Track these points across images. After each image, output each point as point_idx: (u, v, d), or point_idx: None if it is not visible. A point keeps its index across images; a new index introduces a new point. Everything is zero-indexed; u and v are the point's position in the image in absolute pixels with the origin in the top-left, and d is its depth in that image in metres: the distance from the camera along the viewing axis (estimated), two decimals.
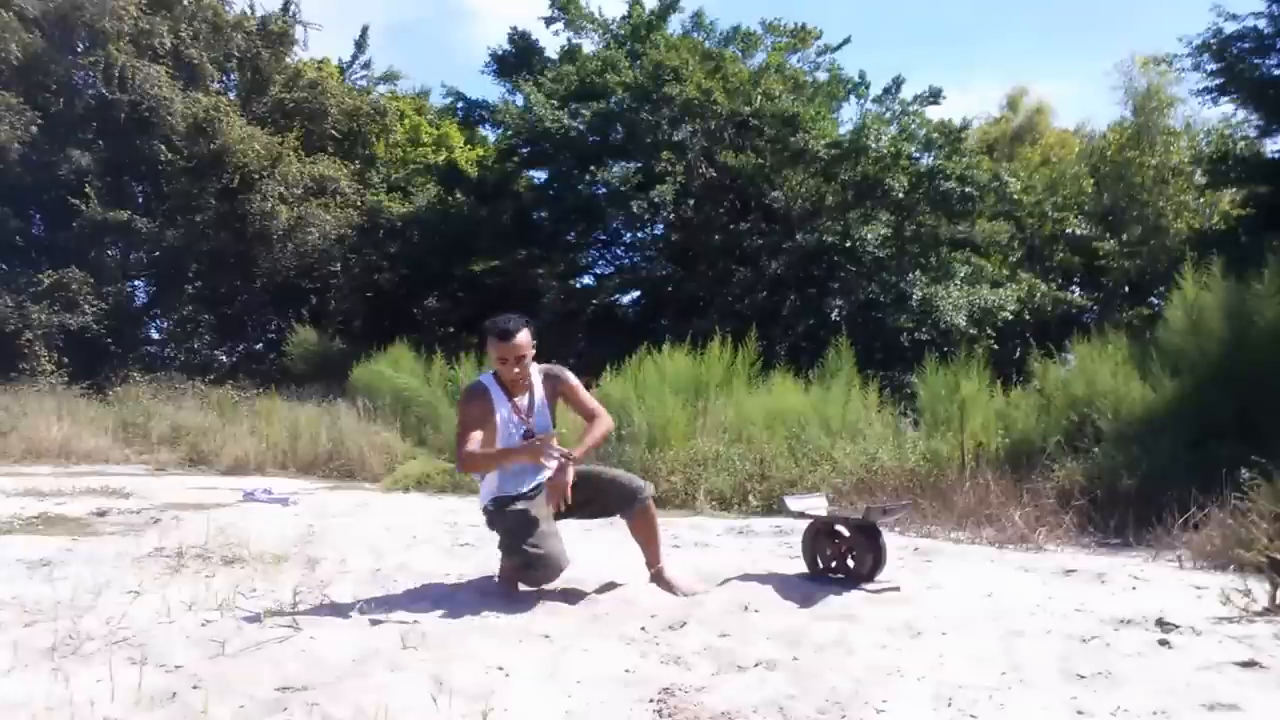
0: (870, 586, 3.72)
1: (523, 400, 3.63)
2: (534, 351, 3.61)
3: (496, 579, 3.76)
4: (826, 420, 7.85)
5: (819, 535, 3.98)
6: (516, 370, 3.54)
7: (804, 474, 6.92)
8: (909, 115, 16.55)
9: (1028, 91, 26.58)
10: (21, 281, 16.35)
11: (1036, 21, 56.15)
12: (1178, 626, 3.18)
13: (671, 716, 2.36)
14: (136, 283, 19.66)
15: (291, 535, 5.07)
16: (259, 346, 20.57)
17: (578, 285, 17.74)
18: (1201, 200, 19.30)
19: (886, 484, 6.47)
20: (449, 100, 20.76)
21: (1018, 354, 14.42)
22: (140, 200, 18.89)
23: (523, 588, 3.58)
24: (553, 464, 3.49)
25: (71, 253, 17.29)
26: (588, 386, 3.74)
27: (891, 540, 4.46)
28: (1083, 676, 2.70)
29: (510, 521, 3.52)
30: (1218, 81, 14.01)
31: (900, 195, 15.09)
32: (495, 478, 3.62)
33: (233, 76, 20.54)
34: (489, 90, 52.18)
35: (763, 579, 3.86)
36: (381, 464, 9.40)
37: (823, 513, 4.04)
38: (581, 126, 16.08)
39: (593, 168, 15.99)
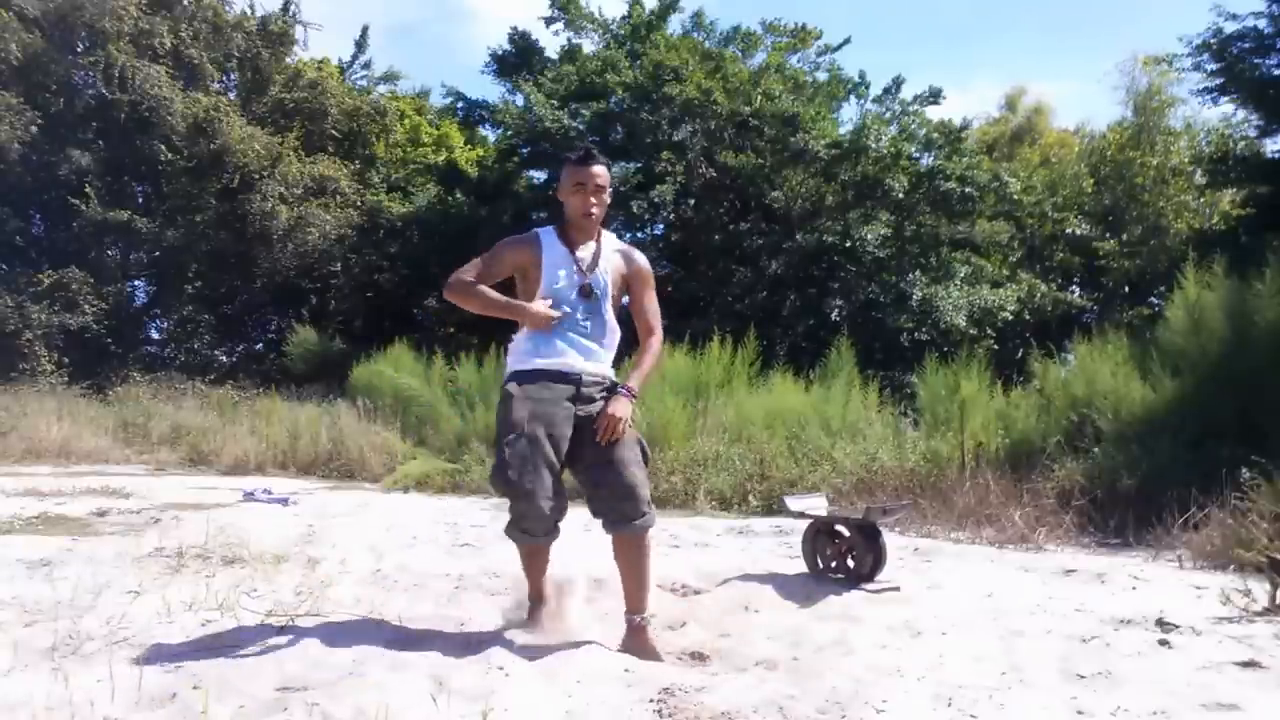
0: (870, 586, 3.72)
1: (585, 253, 3.03)
2: (610, 199, 3.07)
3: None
4: (826, 420, 7.85)
5: (819, 535, 3.98)
6: (594, 201, 2.98)
7: (804, 474, 6.92)
8: (909, 115, 16.55)
9: (1026, 91, 26.63)
10: (21, 281, 16.35)
11: (1036, 21, 56.18)
12: (1178, 626, 3.18)
13: (671, 716, 2.36)
14: (136, 283, 19.69)
15: (291, 535, 5.07)
16: (259, 346, 20.59)
17: None
18: (1201, 200, 19.28)
19: (886, 484, 6.47)
20: (449, 100, 20.77)
21: (1018, 354, 14.44)
22: (140, 200, 18.90)
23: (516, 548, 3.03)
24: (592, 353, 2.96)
25: (71, 253, 17.30)
26: None
27: (891, 540, 4.46)
28: (1083, 676, 2.70)
29: (503, 418, 2.88)
30: (1218, 81, 14.00)
31: (900, 195, 15.09)
32: (522, 340, 2.99)
33: (233, 76, 20.54)
34: (489, 90, 52.28)
35: (763, 579, 3.86)
36: (381, 464, 9.40)
37: (823, 513, 4.04)
38: (581, 126, 16.08)
39: None
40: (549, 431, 2.82)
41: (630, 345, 3.13)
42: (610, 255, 3.09)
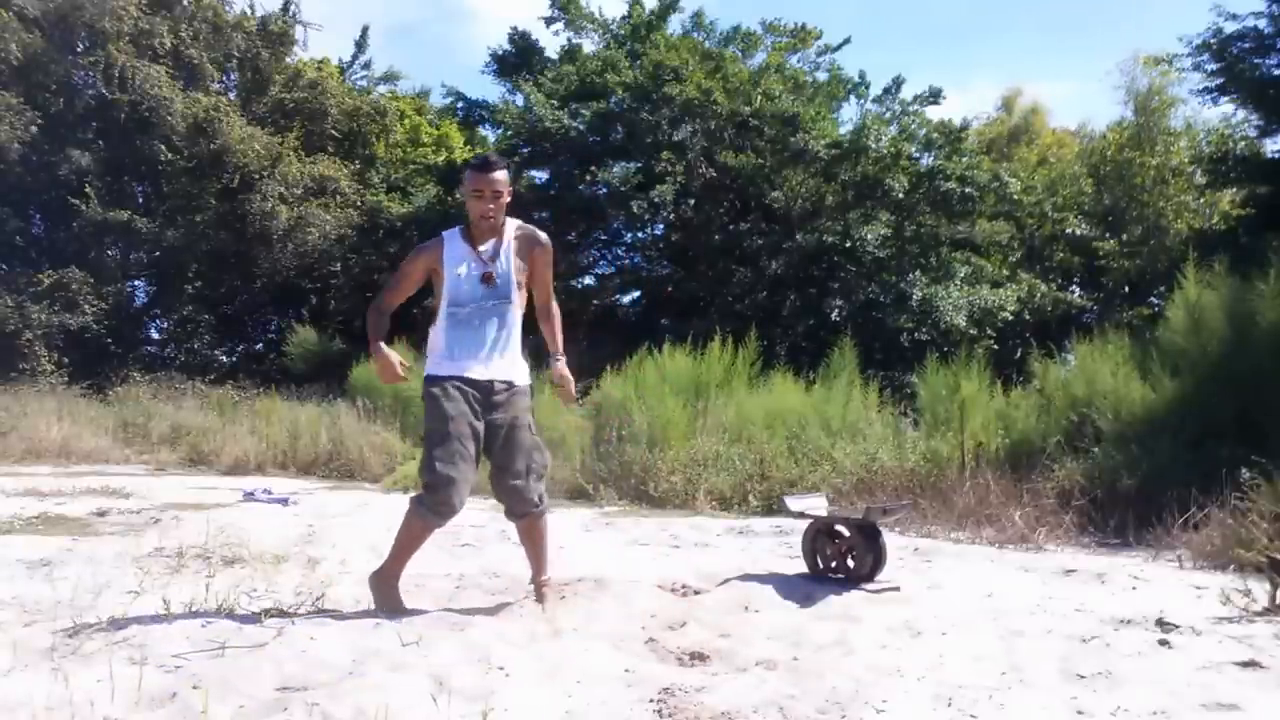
0: (870, 586, 3.72)
1: (487, 246, 3.33)
2: (508, 198, 3.36)
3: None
4: (826, 420, 7.85)
5: (819, 535, 3.98)
6: (491, 207, 3.26)
7: (804, 474, 6.92)
8: (909, 115, 16.55)
9: (1022, 92, 26.64)
10: (21, 281, 16.35)
11: (1035, 21, 56.11)
12: (1178, 626, 3.18)
13: (671, 716, 2.36)
14: (136, 283, 19.69)
15: (291, 535, 5.07)
16: (259, 346, 20.58)
17: (578, 285, 17.73)
18: (1201, 200, 19.27)
19: (886, 484, 6.47)
20: (449, 100, 20.78)
21: (1018, 354, 14.42)
22: (140, 200, 18.90)
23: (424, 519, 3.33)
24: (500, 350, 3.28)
25: (71, 253, 17.30)
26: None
27: (891, 540, 4.46)
28: (1083, 676, 2.70)
29: (432, 416, 3.23)
30: (1218, 81, 14.00)
31: (900, 195, 15.10)
32: (438, 343, 3.33)
33: (233, 76, 20.55)
34: (489, 90, 52.18)
35: (763, 579, 3.86)
36: (381, 464, 9.41)
37: (823, 513, 4.04)
38: (581, 126, 16.08)
39: (593, 168, 15.99)
40: (471, 431, 3.20)
41: (528, 317, 3.46)
42: (510, 240, 3.37)
